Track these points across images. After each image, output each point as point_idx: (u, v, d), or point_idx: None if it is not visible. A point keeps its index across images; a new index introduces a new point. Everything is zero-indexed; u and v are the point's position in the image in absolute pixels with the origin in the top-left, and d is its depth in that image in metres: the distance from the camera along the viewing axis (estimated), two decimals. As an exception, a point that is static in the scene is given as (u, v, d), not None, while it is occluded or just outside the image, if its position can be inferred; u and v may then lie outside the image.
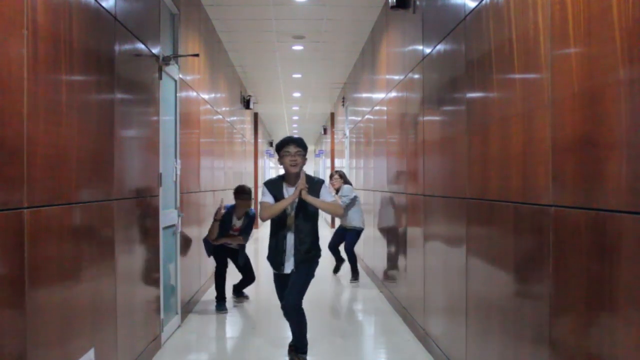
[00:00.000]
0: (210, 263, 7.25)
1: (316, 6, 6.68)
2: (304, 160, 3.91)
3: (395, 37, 5.89)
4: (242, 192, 5.88)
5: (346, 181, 7.59)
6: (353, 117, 10.11)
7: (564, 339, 2.17)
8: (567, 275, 2.15)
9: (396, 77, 5.76)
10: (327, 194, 3.99)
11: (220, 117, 7.94)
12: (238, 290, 6.36)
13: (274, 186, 3.95)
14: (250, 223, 5.90)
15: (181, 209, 5.14)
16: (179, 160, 5.05)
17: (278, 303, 4.04)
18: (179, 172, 5.06)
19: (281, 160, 3.92)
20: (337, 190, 7.44)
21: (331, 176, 7.69)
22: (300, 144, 3.90)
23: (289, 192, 3.88)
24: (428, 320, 4.41)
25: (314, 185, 3.91)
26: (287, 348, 4.17)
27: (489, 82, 3.00)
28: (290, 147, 3.87)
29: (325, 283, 7.40)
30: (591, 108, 1.97)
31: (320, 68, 10.03)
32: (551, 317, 2.25)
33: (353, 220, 7.36)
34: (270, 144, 21.55)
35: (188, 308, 5.57)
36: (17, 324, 2.14)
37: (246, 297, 6.40)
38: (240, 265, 6.11)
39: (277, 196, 3.88)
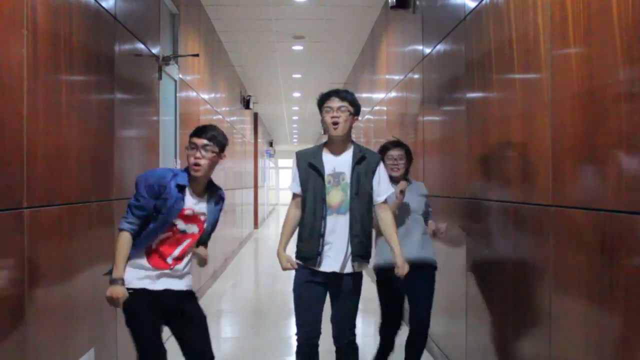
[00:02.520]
0: (212, 260, 7.19)
1: (316, 6, 6.68)
2: (353, 120, 2.87)
3: (395, 37, 5.89)
4: (200, 133, 2.56)
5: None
6: (353, 117, 10.10)
7: (565, 339, 2.17)
8: (567, 275, 2.15)
9: (396, 77, 5.76)
10: (385, 185, 2.90)
11: (220, 117, 7.94)
12: None
13: (310, 157, 2.88)
14: (218, 214, 2.73)
15: (181, 209, 5.13)
16: (179, 160, 5.05)
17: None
18: (179, 172, 5.06)
19: (322, 120, 2.89)
20: (403, 179, 3.33)
21: (384, 150, 3.41)
22: (346, 97, 2.84)
23: (331, 163, 2.85)
24: (428, 320, 4.41)
25: (365, 161, 2.86)
26: (287, 348, 4.16)
27: (489, 82, 3.00)
28: (332, 101, 2.83)
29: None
30: (591, 108, 1.97)
31: (320, 68, 10.03)
32: (551, 317, 2.25)
33: (422, 248, 3.29)
34: (270, 144, 21.55)
35: (188, 308, 5.57)
36: (17, 324, 2.14)
37: None
38: (193, 340, 2.67)
39: (317, 167, 2.83)
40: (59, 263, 2.53)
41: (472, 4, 3.23)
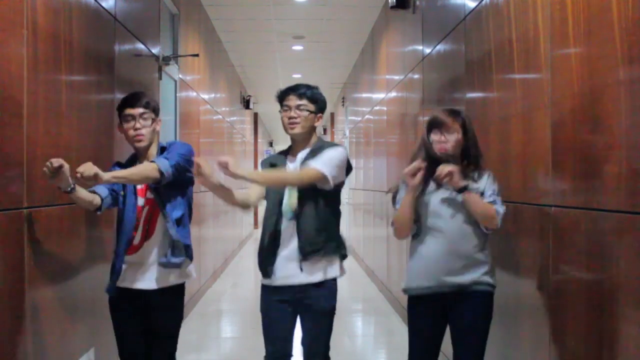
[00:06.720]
0: (212, 260, 7.21)
1: (316, 6, 6.68)
2: (316, 119, 2.56)
3: (395, 37, 5.89)
4: (133, 103, 2.49)
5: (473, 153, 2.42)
6: (353, 117, 10.11)
7: (564, 339, 2.17)
8: (567, 275, 2.15)
9: (396, 77, 5.76)
10: (324, 157, 2.44)
11: (220, 117, 7.93)
12: None
13: (272, 162, 2.66)
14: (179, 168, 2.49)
15: (181, 209, 5.13)
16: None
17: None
18: (179, 172, 5.06)
19: (281, 119, 2.59)
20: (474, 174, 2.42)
21: (438, 124, 2.39)
22: (305, 93, 2.53)
23: (292, 166, 2.57)
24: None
25: (316, 151, 2.49)
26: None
27: (489, 82, 3.00)
28: (290, 99, 2.54)
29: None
30: (591, 108, 1.97)
31: (320, 68, 10.03)
32: (551, 317, 2.25)
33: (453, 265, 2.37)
34: (270, 144, 21.54)
35: (188, 308, 5.57)
36: (17, 324, 2.14)
37: None
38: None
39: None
40: (59, 263, 2.53)
41: (472, 4, 3.23)
